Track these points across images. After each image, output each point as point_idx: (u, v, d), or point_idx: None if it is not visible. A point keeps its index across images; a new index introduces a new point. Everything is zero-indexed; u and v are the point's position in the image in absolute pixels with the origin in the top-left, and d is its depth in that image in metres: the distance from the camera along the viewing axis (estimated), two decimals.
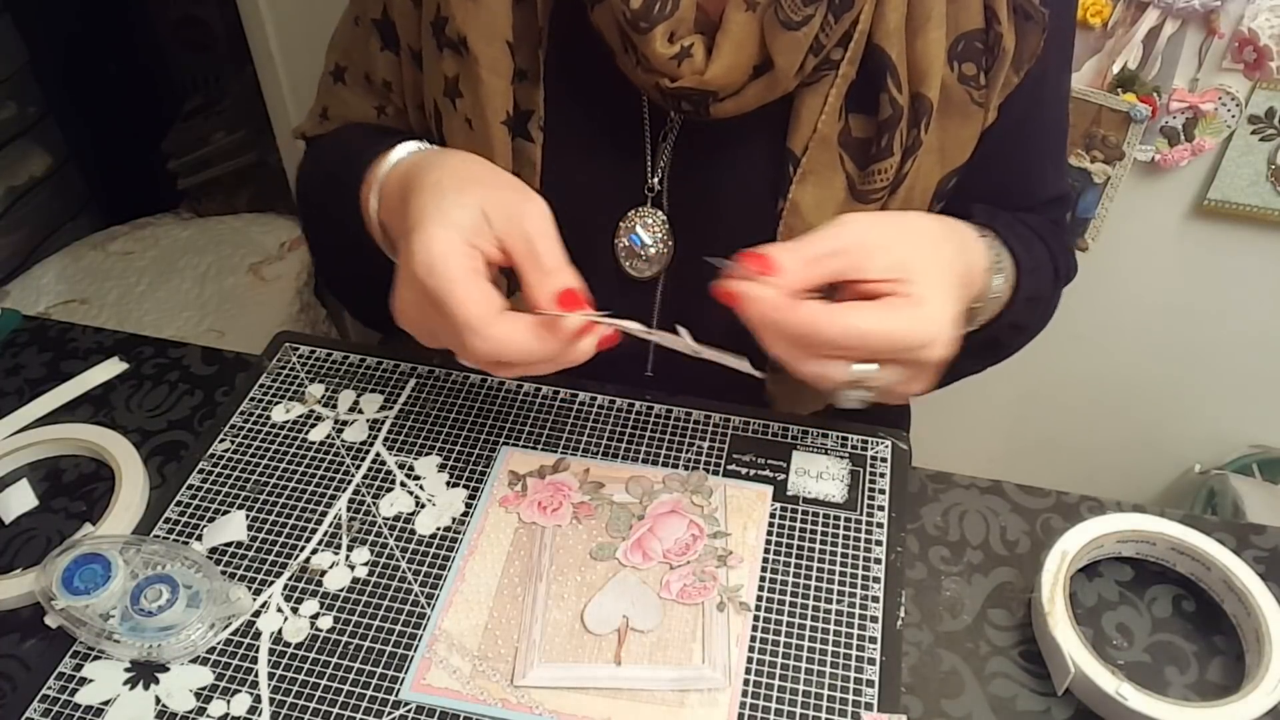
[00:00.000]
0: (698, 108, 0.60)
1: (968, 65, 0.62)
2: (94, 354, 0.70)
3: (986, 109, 0.64)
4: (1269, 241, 1.25)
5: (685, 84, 0.58)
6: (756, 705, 0.50)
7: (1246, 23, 1.10)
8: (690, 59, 0.58)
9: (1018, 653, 0.54)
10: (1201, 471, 1.48)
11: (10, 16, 1.59)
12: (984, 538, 0.59)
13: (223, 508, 0.59)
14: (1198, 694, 0.52)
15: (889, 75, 0.61)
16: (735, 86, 0.59)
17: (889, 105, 0.61)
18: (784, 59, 0.58)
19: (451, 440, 0.63)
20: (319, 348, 0.69)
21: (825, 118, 0.62)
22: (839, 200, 0.64)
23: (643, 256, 0.67)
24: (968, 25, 0.62)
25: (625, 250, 0.67)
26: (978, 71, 0.63)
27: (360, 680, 0.51)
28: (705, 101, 0.59)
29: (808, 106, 0.62)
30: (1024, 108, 0.66)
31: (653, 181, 0.66)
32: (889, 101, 0.61)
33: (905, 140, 0.62)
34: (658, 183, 0.66)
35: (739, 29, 0.58)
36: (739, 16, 0.57)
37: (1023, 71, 0.64)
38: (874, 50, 0.61)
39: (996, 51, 0.62)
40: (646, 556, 0.56)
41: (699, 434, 0.63)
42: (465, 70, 0.63)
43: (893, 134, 0.61)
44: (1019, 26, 0.62)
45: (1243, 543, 0.59)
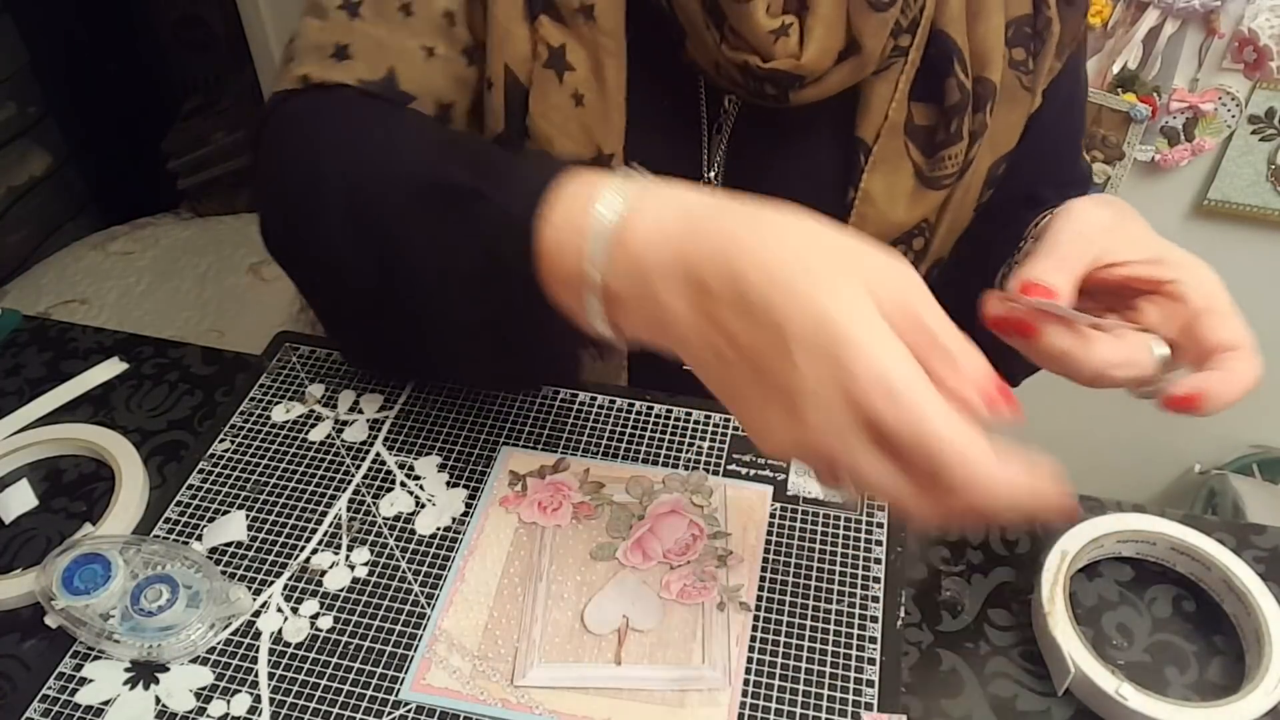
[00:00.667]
0: (782, 92, 0.58)
1: (1017, 50, 0.63)
2: (94, 354, 0.70)
3: (1034, 94, 0.64)
4: (1269, 241, 1.25)
5: (779, 65, 0.56)
6: (756, 705, 0.50)
7: (1246, 23, 1.10)
8: (786, 38, 0.56)
9: (1018, 653, 0.54)
10: (1201, 471, 1.48)
11: (10, 16, 1.59)
12: (984, 538, 0.59)
13: (223, 508, 0.59)
14: (1198, 694, 0.52)
15: (955, 60, 0.61)
16: (822, 71, 0.58)
17: (956, 90, 0.61)
18: (872, 41, 0.57)
19: (451, 440, 0.63)
20: (319, 348, 0.69)
21: (895, 105, 0.62)
22: (909, 188, 0.64)
23: None
24: (1018, 11, 0.62)
25: None
26: (1026, 56, 0.63)
27: (360, 680, 0.52)
28: (791, 86, 0.58)
29: (878, 94, 0.62)
30: (1064, 90, 0.66)
31: (709, 175, 0.65)
32: (957, 86, 0.61)
33: (971, 124, 0.62)
34: (713, 176, 0.65)
35: (829, 10, 0.56)
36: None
37: (1065, 56, 0.64)
38: (937, 36, 0.61)
39: (1045, 36, 0.62)
40: (646, 556, 0.56)
41: (699, 434, 0.63)
42: (582, 41, 0.58)
43: (961, 119, 0.61)
44: (1062, 11, 0.63)
45: (1243, 543, 0.59)
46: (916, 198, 0.64)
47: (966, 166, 0.63)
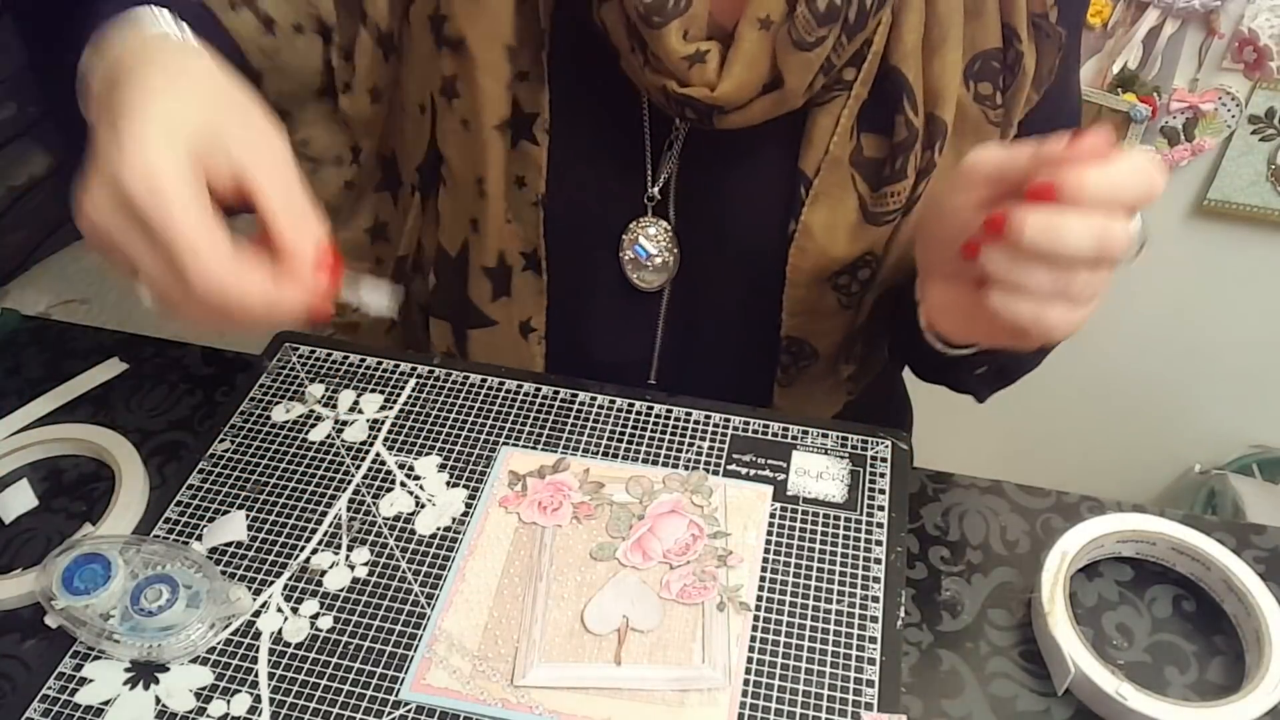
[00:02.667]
0: (702, 117, 0.59)
1: (984, 85, 0.62)
2: (94, 354, 0.70)
3: (1005, 128, 0.63)
4: (1269, 241, 1.25)
5: (693, 93, 0.57)
6: (756, 705, 0.50)
7: (1246, 23, 1.10)
8: (702, 66, 0.57)
9: (1018, 653, 0.54)
10: (1201, 471, 1.48)
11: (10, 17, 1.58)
12: (984, 538, 0.59)
13: (223, 508, 0.59)
14: (1198, 694, 0.52)
15: (905, 97, 0.60)
16: (743, 101, 0.58)
17: (904, 127, 0.60)
18: (794, 78, 0.57)
19: (451, 440, 0.63)
20: (319, 348, 0.69)
21: (837, 139, 0.61)
22: (851, 222, 0.63)
23: (649, 268, 0.66)
24: (985, 44, 0.61)
25: (631, 262, 0.67)
26: (994, 91, 0.62)
27: (360, 680, 0.51)
28: (710, 113, 0.58)
29: (820, 127, 0.62)
30: (1044, 120, 0.65)
31: (652, 190, 0.65)
32: (904, 124, 0.60)
33: (919, 162, 0.61)
34: (657, 192, 0.65)
35: (751, 46, 0.57)
36: (752, 34, 0.56)
37: (1043, 89, 0.64)
38: (890, 71, 0.60)
39: (1016, 71, 0.61)
40: (646, 556, 0.56)
41: (699, 434, 0.63)
42: (463, 71, 0.62)
43: (907, 156, 0.61)
44: (1039, 45, 0.62)
45: (1243, 543, 0.59)
46: (858, 232, 0.63)
47: (911, 203, 0.62)
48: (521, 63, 0.62)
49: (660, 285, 0.68)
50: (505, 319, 0.69)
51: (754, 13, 0.56)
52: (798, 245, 0.63)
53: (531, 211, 0.65)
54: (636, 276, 0.67)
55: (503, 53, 0.61)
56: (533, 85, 0.63)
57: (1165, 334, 1.36)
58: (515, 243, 0.67)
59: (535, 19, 0.62)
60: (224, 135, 0.44)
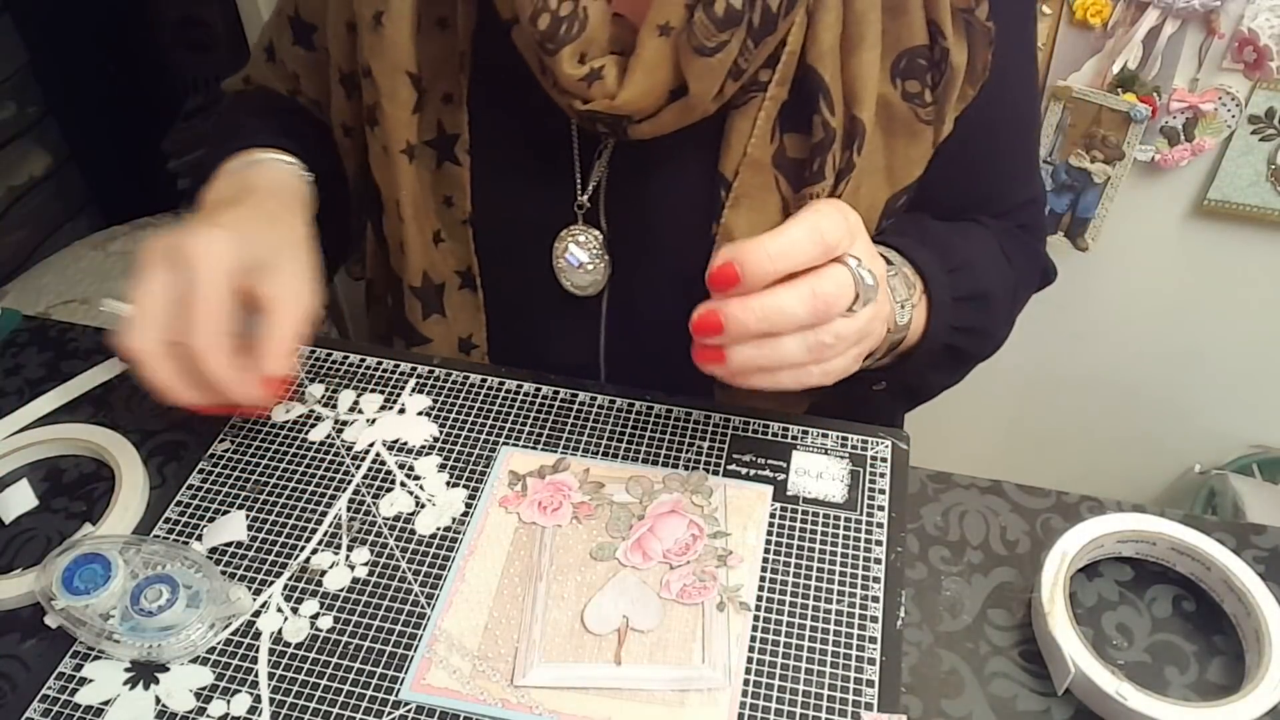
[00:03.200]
0: (614, 129, 0.60)
1: (911, 83, 0.61)
2: (94, 354, 0.70)
3: (938, 126, 0.63)
4: (1269, 241, 1.25)
5: (596, 107, 0.58)
6: (756, 705, 0.50)
7: (1246, 23, 1.10)
8: (601, 81, 0.57)
9: (1018, 653, 0.54)
10: (1201, 471, 1.48)
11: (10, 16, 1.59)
12: (984, 538, 0.59)
13: (223, 508, 0.59)
14: (1198, 694, 0.52)
15: (821, 97, 0.60)
16: (650, 110, 0.58)
17: (821, 128, 0.60)
18: (698, 85, 0.57)
19: (451, 440, 0.63)
20: (319, 348, 0.69)
21: (755, 141, 0.61)
22: (773, 223, 0.61)
23: (581, 273, 0.67)
24: (910, 42, 0.60)
25: (564, 269, 0.67)
26: (923, 89, 0.61)
27: (360, 680, 0.52)
28: (621, 124, 0.59)
29: (737, 129, 0.61)
30: (985, 117, 0.64)
31: (582, 199, 0.66)
32: (821, 124, 0.60)
33: (839, 163, 0.61)
34: (587, 200, 0.66)
35: (652, 54, 0.57)
36: (652, 41, 0.57)
37: (979, 85, 0.63)
38: (807, 70, 0.60)
39: (944, 67, 0.61)
40: (646, 556, 0.56)
41: (699, 434, 0.63)
42: (375, 99, 0.64)
43: (824, 157, 0.60)
44: (969, 40, 0.61)
45: (1243, 543, 0.59)
46: None
47: None
48: (445, 85, 0.64)
49: (595, 291, 0.68)
50: (440, 336, 0.71)
51: (654, 20, 0.56)
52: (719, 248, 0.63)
53: (461, 230, 0.67)
54: (569, 283, 0.68)
55: (404, 79, 0.63)
56: (454, 107, 0.64)
57: (1165, 334, 1.36)
58: (450, 261, 0.69)
59: (454, 43, 0.63)
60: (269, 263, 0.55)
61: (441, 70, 0.64)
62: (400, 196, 0.66)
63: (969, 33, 0.61)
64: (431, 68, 0.64)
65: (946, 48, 0.60)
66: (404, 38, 0.62)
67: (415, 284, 0.70)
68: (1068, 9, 1.15)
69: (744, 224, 0.63)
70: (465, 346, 0.72)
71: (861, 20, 0.59)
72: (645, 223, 0.66)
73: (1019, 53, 0.66)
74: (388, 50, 0.63)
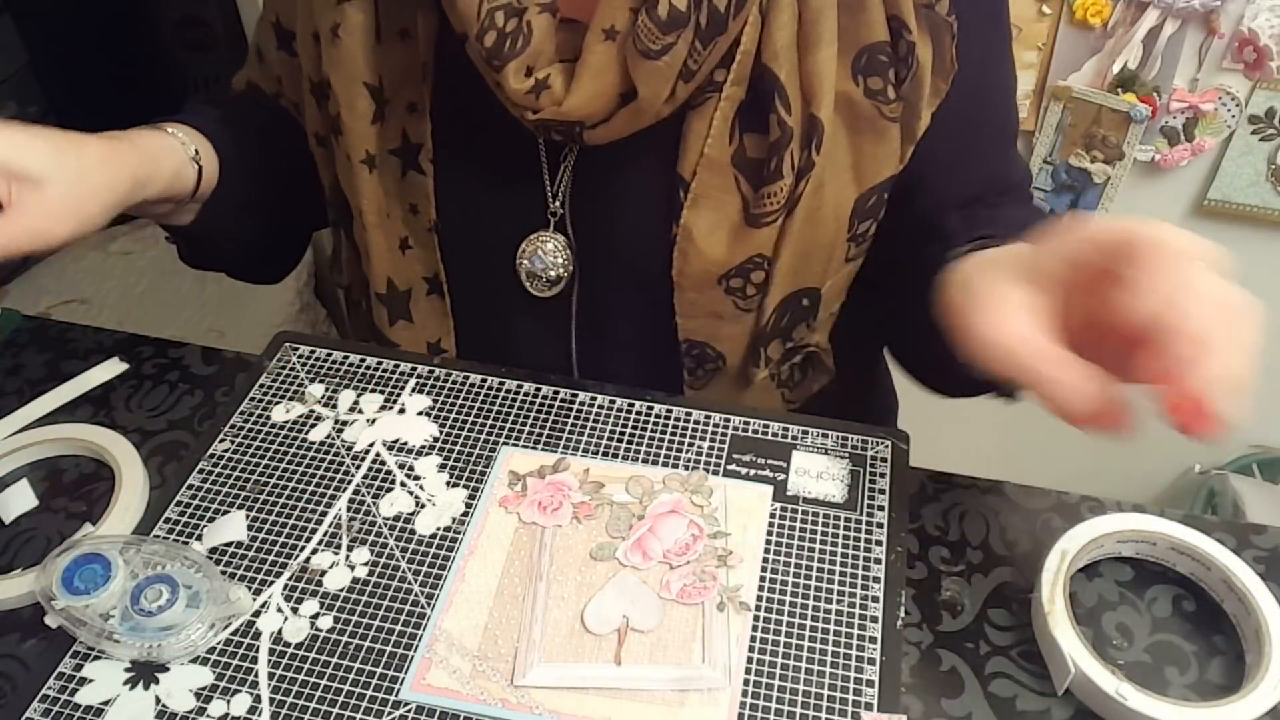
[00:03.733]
0: (569, 136, 0.60)
1: (874, 80, 0.61)
2: (94, 354, 0.70)
3: (909, 122, 0.62)
4: (1269, 241, 1.25)
5: (545, 116, 0.58)
6: (756, 705, 0.50)
7: (1246, 23, 1.10)
8: (549, 90, 0.58)
9: (1017, 653, 0.54)
10: (1201, 471, 1.48)
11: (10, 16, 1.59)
12: (984, 538, 0.59)
13: (223, 508, 0.59)
14: (1198, 694, 0.52)
15: (777, 96, 0.59)
16: (601, 115, 0.58)
17: (777, 127, 0.60)
18: (647, 88, 0.57)
19: (451, 440, 0.63)
20: (319, 348, 0.69)
21: (712, 141, 0.61)
22: (733, 223, 0.63)
23: (543, 278, 0.67)
24: (870, 38, 0.60)
25: (527, 273, 0.67)
26: (885, 85, 0.61)
27: (360, 680, 0.52)
28: (574, 130, 0.59)
29: (694, 130, 0.61)
30: (961, 113, 0.64)
31: (554, 205, 0.66)
32: (777, 123, 0.59)
33: (798, 162, 0.60)
34: (559, 205, 0.66)
35: (598, 59, 0.57)
36: (598, 46, 0.57)
37: (949, 78, 0.62)
38: (763, 70, 0.60)
39: (910, 62, 0.60)
40: (646, 556, 0.56)
41: (699, 434, 0.63)
42: (337, 110, 0.65)
43: (781, 156, 0.60)
44: (933, 35, 0.61)
45: (1243, 543, 0.59)
46: (740, 234, 0.63)
47: (794, 203, 0.62)
48: (409, 95, 0.65)
49: (557, 294, 0.68)
50: (407, 342, 0.72)
51: (600, 24, 0.57)
52: (679, 249, 0.63)
53: (428, 237, 0.68)
54: (531, 286, 0.68)
55: (362, 91, 0.64)
56: (417, 117, 0.65)
57: None
58: (417, 268, 0.69)
59: (415, 54, 0.64)
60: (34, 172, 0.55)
61: (405, 80, 0.65)
62: (363, 205, 0.67)
63: (931, 27, 0.61)
64: (394, 78, 0.65)
65: (912, 42, 0.60)
66: (362, 49, 0.63)
67: (380, 290, 0.70)
68: (1068, 9, 1.15)
69: (704, 224, 0.62)
70: (434, 350, 0.72)
71: (817, 18, 0.59)
72: (608, 226, 0.66)
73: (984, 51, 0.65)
74: (345, 62, 0.64)
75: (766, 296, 0.65)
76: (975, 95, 0.65)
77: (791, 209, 0.62)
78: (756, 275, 0.64)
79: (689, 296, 0.65)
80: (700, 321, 0.66)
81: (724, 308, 0.66)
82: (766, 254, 0.63)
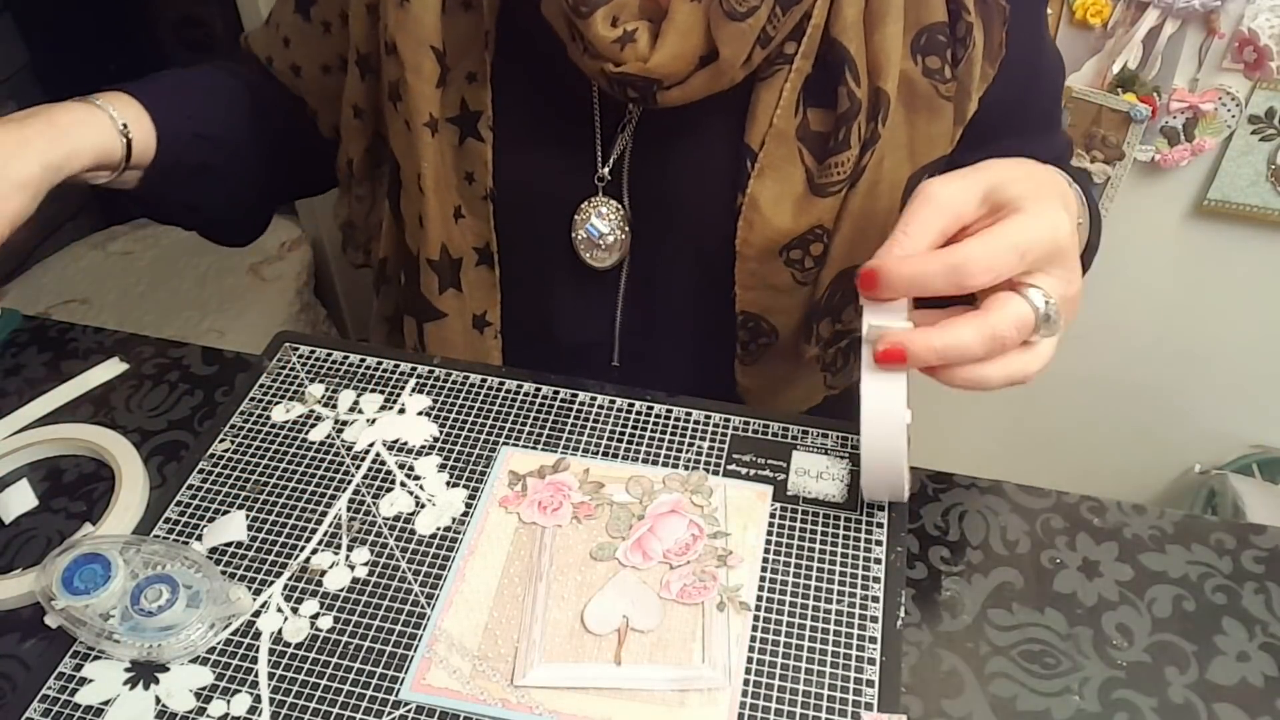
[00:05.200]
0: (644, 95, 0.60)
1: (931, 59, 0.62)
2: (94, 354, 0.70)
3: (961, 103, 0.64)
4: (1269, 241, 1.25)
5: (629, 70, 0.58)
6: (756, 705, 0.50)
7: (1246, 23, 1.10)
8: (634, 44, 0.58)
9: (1017, 653, 0.54)
10: (1201, 471, 1.48)
11: (10, 16, 1.59)
12: (984, 538, 0.59)
13: (223, 508, 0.59)
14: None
15: (847, 69, 0.61)
16: (681, 75, 0.59)
17: (846, 99, 0.61)
18: (729, 49, 0.58)
19: (451, 440, 0.63)
20: (319, 348, 0.69)
21: (780, 112, 0.62)
22: (797, 194, 0.64)
23: (601, 246, 0.68)
24: (930, 18, 0.62)
25: (584, 241, 0.68)
26: (942, 65, 0.62)
27: (360, 680, 0.52)
28: (651, 89, 0.60)
29: (763, 101, 0.63)
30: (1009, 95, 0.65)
31: (603, 171, 0.67)
32: (847, 95, 0.61)
33: (864, 133, 0.62)
34: (608, 172, 0.67)
35: (684, 18, 0.58)
36: (684, 6, 0.58)
37: (997, 62, 0.64)
38: (831, 44, 0.61)
39: (968, 44, 0.62)
40: (646, 556, 0.56)
41: (699, 434, 0.63)
42: (400, 74, 0.65)
43: (850, 127, 0.61)
44: (984, 17, 0.62)
45: (1243, 543, 0.59)
46: (804, 205, 0.64)
47: (858, 175, 0.63)
48: (469, 64, 0.65)
49: (614, 264, 0.69)
50: (455, 311, 0.72)
51: None
52: (745, 218, 0.64)
53: (482, 205, 0.68)
54: (589, 255, 0.68)
55: (428, 54, 0.64)
56: (478, 84, 0.65)
57: (1165, 334, 1.36)
58: (469, 237, 0.70)
59: (479, 21, 0.64)
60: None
61: (466, 49, 0.65)
62: (422, 169, 0.67)
63: (983, 10, 0.62)
64: (456, 46, 0.65)
65: (970, 23, 0.62)
66: (432, 14, 0.64)
67: (433, 257, 0.70)
68: (1068, 9, 1.15)
69: (768, 195, 0.64)
70: (479, 323, 0.72)
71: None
72: (667, 193, 0.67)
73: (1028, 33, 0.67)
74: (412, 25, 0.64)
75: (823, 269, 0.66)
76: (1021, 81, 0.66)
77: (855, 180, 0.63)
78: (815, 247, 0.65)
79: (750, 267, 0.66)
80: (758, 293, 0.67)
81: (782, 279, 0.67)
82: (827, 225, 0.65)
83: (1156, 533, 0.60)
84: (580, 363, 0.70)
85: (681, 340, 0.72)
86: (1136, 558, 0.58)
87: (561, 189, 0.68)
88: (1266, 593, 0.57)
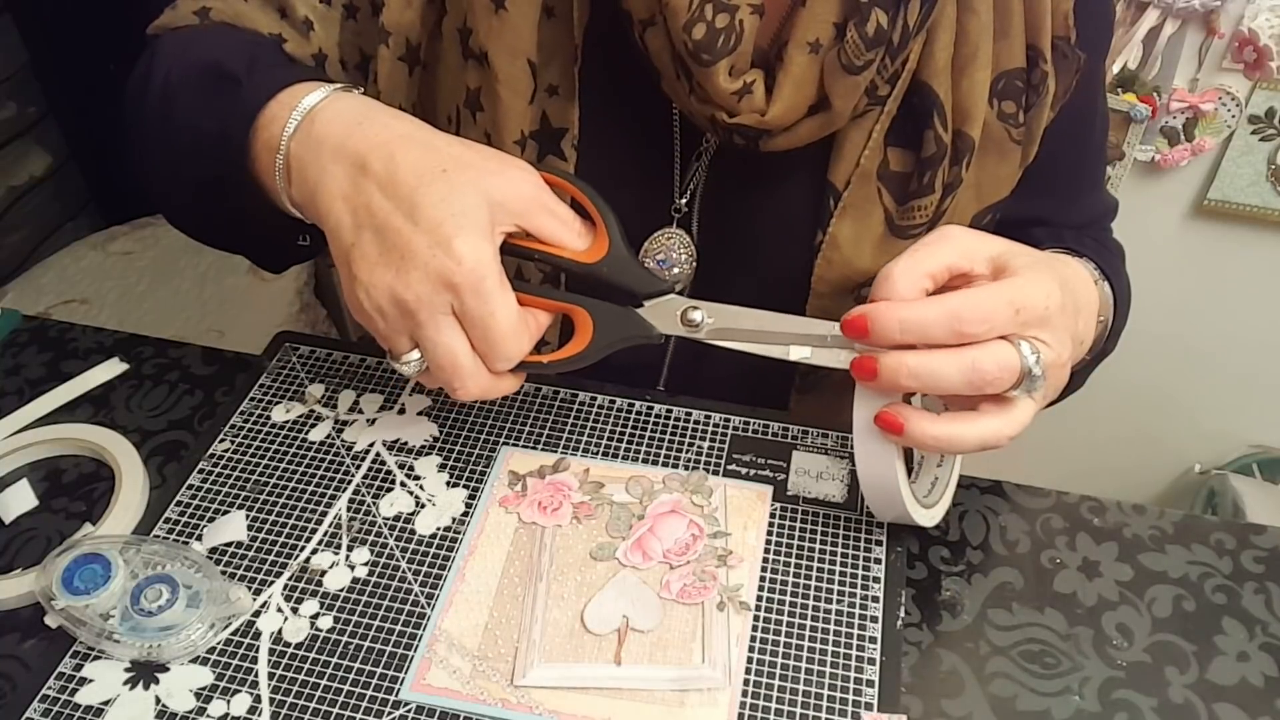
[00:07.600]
0: (750, 142, 0.59)
1: (1008, 104, 0.62)
2: (94, 354, 0.70)
3: (1027, 146, 0.64)
4: (1269, 241, 1.25)
5: (743, 120, 0.57)
6: (756, 705, 0.50)
7: (1246, 23, 1.10)
8: (750, 96, 0.57)
9: (1017, 653, 0.54)
10: (1201, 471, 1.48)
11: (10, 16, 1.59)
12: (984, 538, 0.59)
13: (223, 508, 0.59)
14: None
15: (935, 113, 0.60)
16: (790, 124, 0.58)
17: (933, 143, 0.61)
18: (841, 101, 0.58)
19: (451, 440, 0.63)
20: (319, 348, 0.69)
21: (868, 152, 0.62)
22: (877, 235, 0.64)
23: (667, 277, 0.66)
24: (1009, 64, 0.62)
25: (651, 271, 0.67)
26: (1017, 110, 0.63)
27: (360, 680, 0.52)
28: (759, 137, 0.59)
29: (851, 141, 0.62)
30: (1063, 136, 0.66)
31: (680, 203, 0.66)
32: (934, 139, 0.61)
33: (947, 177, 0.62)
34: (684, 204, 0.66)
35: (801, 70, 0.57)
36: (801, 58, 0.57)
37: (1058, 108, 0.64)
38: (920, 87, 0.61)
39: (1041, 90, 0.62)
40: (646, 556, 0.56)
41: (699, 434, 0.63)
42: (486, 84, 0.61)
43: (935, 171, 0.61)
44: (1057, 66, 0.62)
45: (1243, 543, 0.59)
46: (884, 245, 0.63)
47: (938, 218, 0.63)
48: (550, 77, 0.62)
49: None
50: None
51: (803, 36, 0.57)
52: (824, 257, 0.64)
53: None
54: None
55: (524, 67, 0.61)
56: (563, 100, 0.62)
57: (1165, 334, 1.36)
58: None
59: (568, 33, 0.61)
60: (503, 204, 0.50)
61: (549, 61, 0.62)
62: None
63: (1057, 59, 0.62)
64: (542, 58, 0.62)
65: (1046, 71, 0.62)
66: (530, 25, 0.60)
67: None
68: None
69: (848, 234, 0.63)
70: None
71: (974, 40, 0.60)
72: (742, 228, 0.66)
73: (1094, 82, 0.68)
74: (510, 36, 0.60)
75: None
76: (1073, 134, 0.67)
77: (934, 223, 0.63)
78: None
79: (822, 304, 0.65)
80: None
81: None
82: None
83: (1156, 533, 0.60)
84: (626, 378, 0.68)
85: (733, 371, 0.71)
86: (1136, 558, 0.58)
87: (635, 215, 0.64)
88: (1266, 593, 0.57)
